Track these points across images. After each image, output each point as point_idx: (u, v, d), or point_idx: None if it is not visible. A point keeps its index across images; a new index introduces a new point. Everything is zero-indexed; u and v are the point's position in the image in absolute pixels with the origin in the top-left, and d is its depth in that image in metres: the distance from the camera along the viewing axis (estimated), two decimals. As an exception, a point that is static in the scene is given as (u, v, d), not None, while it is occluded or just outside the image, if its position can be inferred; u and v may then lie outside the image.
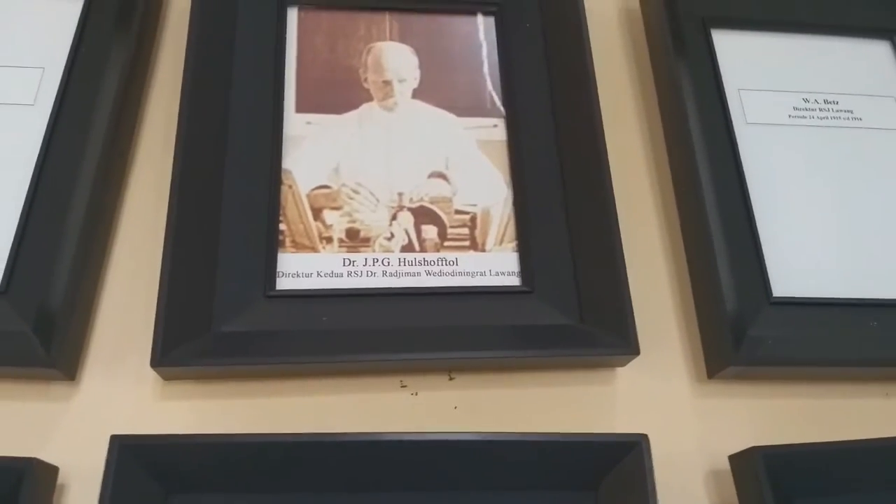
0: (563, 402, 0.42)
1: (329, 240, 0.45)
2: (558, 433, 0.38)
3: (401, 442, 0.39)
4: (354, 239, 0.45)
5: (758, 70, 0.53)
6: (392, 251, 0.45)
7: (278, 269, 0.43)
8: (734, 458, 0.39)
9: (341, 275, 0.44)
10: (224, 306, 0.42)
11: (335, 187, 0.46)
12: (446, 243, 0.46)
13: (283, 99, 0.48)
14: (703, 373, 0.44)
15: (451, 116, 0.49)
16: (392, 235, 0.45)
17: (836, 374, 0.44)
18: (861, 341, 0.43)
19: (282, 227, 0.44)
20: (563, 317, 0.43)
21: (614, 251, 0.43)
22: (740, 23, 0.54)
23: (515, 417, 0.42)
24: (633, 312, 0.41)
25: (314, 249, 0.44)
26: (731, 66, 0.52)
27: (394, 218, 0.46)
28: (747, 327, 0.43)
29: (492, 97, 0.50)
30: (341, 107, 0.49)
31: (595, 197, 0.45)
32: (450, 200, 0.47)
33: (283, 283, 0.43)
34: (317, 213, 0.45)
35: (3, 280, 0.40)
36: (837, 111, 0.52)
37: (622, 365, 0.43)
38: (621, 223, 0.45)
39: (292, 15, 0.51)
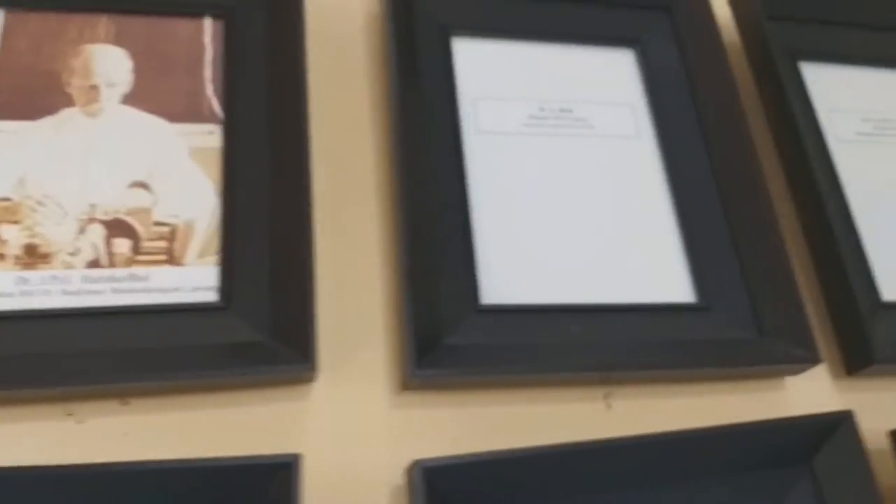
0: (251, 421, 0.40)
1: (2, 257, 0.41)
2: (219, 457, 0.36)
3: (62, 473, 0.36)
4: (32, 255, 0.41)
5: (496, 79, 0.52)
6: (75, 267, 0.42)
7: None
8: (408, 473, 0.38)
9: (12, 294, 0.40)
10: None
11: (17, 199, 0.43)
12: (139, 258, 0.43)
13: (-29, 106, 0.44)
14: (398, 383, 0.42)
15: (162, 123, 0.46)
16: (77, 251, 0.42)
17: (539, 380, 0.44)
18: (561, 347, 0.43)
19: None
20: (256, 333, 0.41)
21: (305, 265, 0.41)
22: (482, 30, 0.53)
23: (195, 442, 0.39)
24: (314, 328, 0.39)
25: (-17, 267, 0.41)
26: (468, 75, 0.52)
27: (82, 231, 0.43)
28: (446, 335, 0.42)
29: (210, 103, 0.48)
30: (36, 113, 0.45)
31: (296, 208, 0.43)
32: (149, 211, 0.44)
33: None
34: (-8, 228, 0.42)
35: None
36: (572, 119, 0.52)
37: (310, 381, 0.41)
38: (342, 237, 0.44)
39: (-4, 16, 0.47)
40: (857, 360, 0.47)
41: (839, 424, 0.42)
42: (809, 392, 0.47)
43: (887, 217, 0.54)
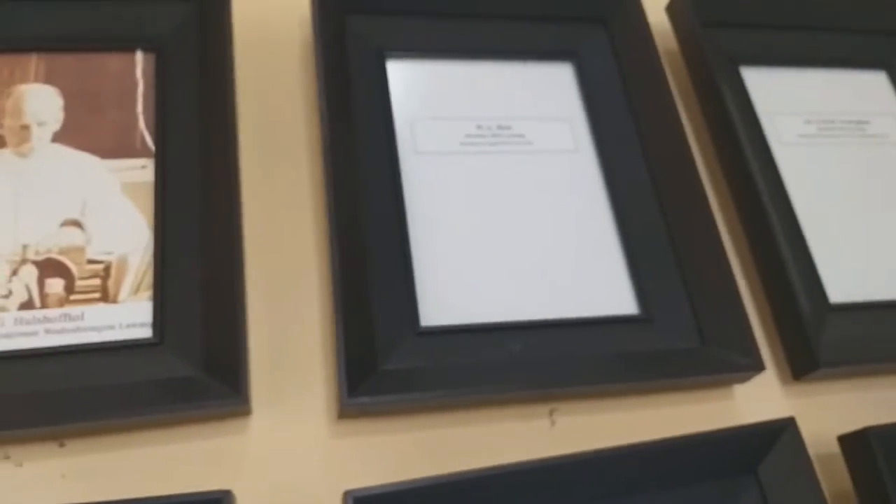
0: (187, 457, 0.40)
1: (-69, 302, 0.41)
2: (148, 497, 0.35)
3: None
4: (-38, 299, 0.41)
5: (433, 99, 0.52)
6: (7, 310, 0.41)
7: None
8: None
9: (-57, 340, 0.40)
10: None
11: (-54, 244, 0.43)
12: (73, 297, 0.42)
13: None
14: (335, 413, 0.42)
15: (94, 159, 0.46)
16: (10, 293, 0.42)
17: (481, 401, 0.43)
18: (502, 366, 0.43)
19: None
20: (190, 369, 0.40)
21: (236, 298, 0.41)
22: (417, 52, 0.53)
23: (132, 480, 0.38)
24: (245, 361, 0.39)
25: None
26: (403, 97, 0.52)
27: (14, 273, 0.42)
28: (383, 360, 0.42)
29: (143, 137, 0.47)
30: (-34, 156, 0.45)
31: (226, 241, 0.43)
32: (82, 250, 0.44)
33: None
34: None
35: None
36: (510, 136, 0.52)
37: (246, 414, 0.40)
38: (278, 267, 0.44)
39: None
40: (802, 365, 0.47)
41: (782, 431, 0.41)
42: (758, 399, 0.47)
43: (833, 218, 0.54)
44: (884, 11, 0.62)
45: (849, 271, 0.51)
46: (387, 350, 0.42)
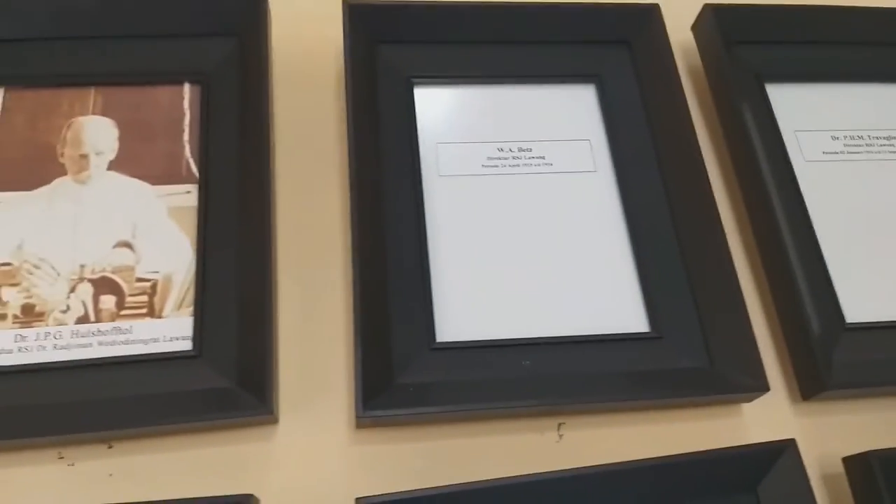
0: (219, 462, 0.43)
1: (3, 317, 0.46)
2: (170, 500, 0.39)
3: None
4: (29, 314, 0.46)
5: (457, 123, 0.55)
6: (66, 324, 0.46)
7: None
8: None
9: (11, 351, 0.45)
10: None
11: (16, 264, 0.47)
12: (123, 312, 0.47)
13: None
14: (355, 424, 0.45)
15: (144, 185, 0.51)
16: (68, 308, 0.47)
17: (491, 414, 0.46)
18: (511, 381, 0.45)
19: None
20: (224, 380, 0.44)
21: (267, 315, 0.44)
22: (444, 78, 0.56)
23: (171, 482, 0.43)
24: (273, 374, 0.43)
25: (-14, 328, 0.45)
26: (429, 121, 0.55)
27: (72, 290, 0.47)
28: (398, 374, 0.45)
29: (188, 164, 0.52)
30: (33, 183, 0.50)
31: (259, 260, 0.46)
32: (132, 269, 0.48)
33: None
34: (-6, 291, 0.47)
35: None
36: (530, 158, 0.54)
37: (274, 423, 0.44)
38: (308, 285, 0.48)
39: (-4, 95, 0.53)
40: (810, 386, 0.47)
41: (783, 452, 0.43)
42: (766, 418, 0.48)
43: (855, 236, 0.54)
44: (919, 24, 0.61)
45: (869, 291, 0.52)
46: (402, 364, 0.45)
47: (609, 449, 0.45)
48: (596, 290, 0.50)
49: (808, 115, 0.58)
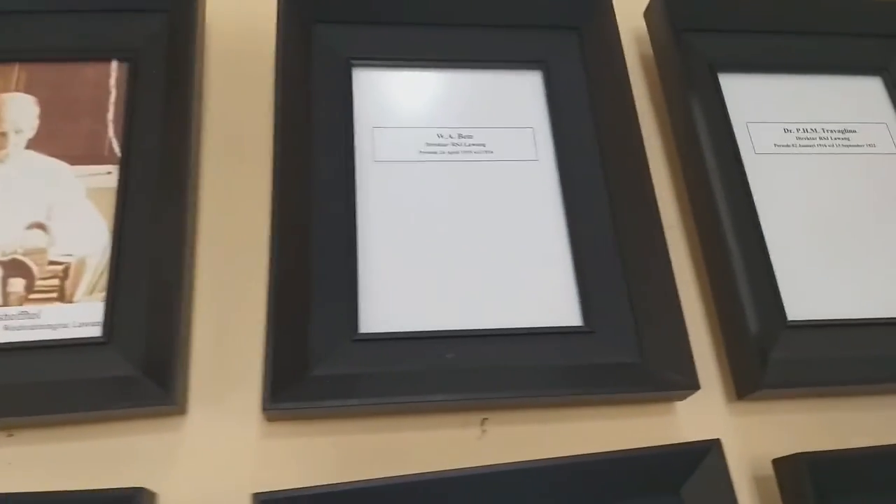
0: (123, 453, 0.42)
1: None
2: (63, 491, 0.38)
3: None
4: (-68, 296, 0.45)
5: (397, 107, 0.53)
6: (-28, 307, 0.45)
7: None
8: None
9: (-90, 333, 0.44)
10: None
11: (-78, 244, 0.46)
12: (32, 296, 0.45)
13: None
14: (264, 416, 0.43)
15: (63, 165, 0.49)
16: (-26, 291, 0.45)
17: (410, 408, 0.44)
18: (433, 374, 0.43)
19: None
20: (132, 368, 0.43)
21: (177, 302, 0.43)
22: (385, 60, 0.54)
23: (71, 472, 0.41)
24: (179, 363, 0.41)
25: None
26: (368, 104, 0.53)
27: (-20, 272, 0.46)
28: (315, 365, 0.43)
29: (111, 144, 0.50)
30: (-53, 161, 0.49)
31: (172, 245, 0.45)
32: (45, 251, 0.46)
33: None
34: None
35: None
36: (469, 145, 0.52)
37: (181, 414, 0.42)
38: (227, 272, 0.46)
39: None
40: (745, 384, 0.46)
41: (707, 453, 0.41)
42: (700, 417, 0.46)
43: (804, 231, 0.52)
44: (879, 14, 0.59)
45: (814, 288, 0.50)
46: (321, 355, 0.44)
47: (535, 446, 0.43)
48: (530, 282, 0.48)
49: (761, 106, 0.57)
